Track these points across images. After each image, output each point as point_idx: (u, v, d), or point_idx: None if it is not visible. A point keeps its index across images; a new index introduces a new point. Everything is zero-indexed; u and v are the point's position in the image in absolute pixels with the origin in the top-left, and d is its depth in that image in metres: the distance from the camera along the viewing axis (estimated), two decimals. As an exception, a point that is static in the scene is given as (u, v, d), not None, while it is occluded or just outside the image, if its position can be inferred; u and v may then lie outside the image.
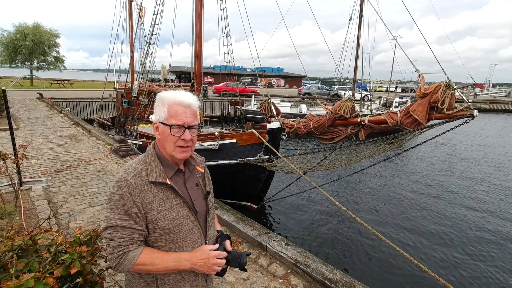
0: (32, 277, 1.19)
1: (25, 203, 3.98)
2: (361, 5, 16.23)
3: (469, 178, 10.35)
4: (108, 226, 1.08)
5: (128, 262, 1.07)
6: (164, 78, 12.66)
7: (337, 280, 2.69)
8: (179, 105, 1.14)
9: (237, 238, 3.57)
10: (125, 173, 1.11)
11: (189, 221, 1.18)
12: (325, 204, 7.56)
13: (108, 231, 1.08)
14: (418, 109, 4.08)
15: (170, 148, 1.16)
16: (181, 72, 45.43)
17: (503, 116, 32.79)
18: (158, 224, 1.12)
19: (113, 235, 1.07)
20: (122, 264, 1.07)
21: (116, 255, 1.07)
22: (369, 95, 26.20)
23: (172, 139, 1.14)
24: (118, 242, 1.07)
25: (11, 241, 1.49)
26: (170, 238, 1.15)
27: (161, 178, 1.12)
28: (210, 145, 6.03)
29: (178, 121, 1.13)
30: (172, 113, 1.13)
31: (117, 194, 1.08)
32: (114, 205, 1.08)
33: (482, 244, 5.99)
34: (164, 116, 1.14)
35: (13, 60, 28.83)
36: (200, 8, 7.33)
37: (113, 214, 1.08)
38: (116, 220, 1.07)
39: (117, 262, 1.07)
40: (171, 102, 1.14)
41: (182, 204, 1.17)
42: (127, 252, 1.07)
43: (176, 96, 1.15)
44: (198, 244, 1.21)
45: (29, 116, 11.62)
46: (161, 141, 1.18)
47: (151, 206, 1.10)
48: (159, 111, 1.15)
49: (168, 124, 1.13)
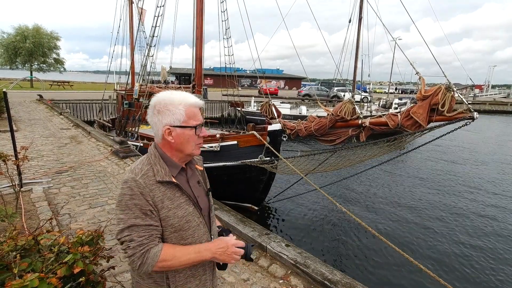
0: (36, 277, 1.19)
1: (25, 205, 3.99)
2: (360, 6, 16.32)
3: (468, 179, 10.35)
4: (125, 228, 1.06)
5: (151, 260, 1.06)
6: (164, 79, 12.69)
7: (337, 280, 2.69)
8: (194, 106, 1.18)
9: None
10: (133, 174, 1.12)
11: (196, 217, 1.21)
12: (325, 205, 7.56)
13: (125, 233, 1.06)
14: (418, 111, 4.09)
15: (191, 148, 1.20)
16: (181, 73, 45.52)
17: (503, 117, 32.81)
18: (169, 222, 1.13)
19: (132, 235, 1.05)
20: (146, 263, 1.05)
21: (139, 255, 1.05)
22: (369, 96, 26.27)
23: (194, 139, 1.19)
24: (138, 242, 1.05)
25: (14, 241, 1.50)
26: (180, 235, 1.17)
27: (167, 177, 1.14)
28: (211, 147, 6.04)
29: (198, 121, 1.18)
30: (191, 115, 1.16)
31: (128, 195, 1.08)
32: (127, 206, 1.07)
33: (484, 245, 5.99)
34: (182, 119, 1.15)
35: (13, 62, 28.84)
36: (200, 10, 7.36)
37: (127, 215, 1.07)
38: (132, 220, 1.06)
39: (141, 261, 1.05)
40: (186, 104, 1.16)
41: (188, 201, 1.19)
42: (149, 250, 1.06)
43: (187, 98, 1.17)
44: (205, 240, 1.24)
45: (29, 117, 11.63)
46: (178, 144, 1.18)
47: (162, 204, 1.12)
48: (172, 115, 1.14)
49: (193, 126, 1.17)
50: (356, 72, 17.82)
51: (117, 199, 1.11)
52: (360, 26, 16.55)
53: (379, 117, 4.72)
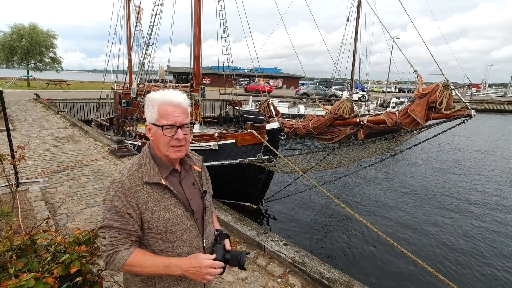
0: (32, 276, 1.18)
1: (22, 204, 3.96)
2: (358, 6, 16.34)
3: (467, 176, 10.41)
4: (102, 226, 1.11)
5: (118, 262, 1.09)
6: (162, 78, 12.65)
7: (335, 279, 2.69)
8: (169, 105, 1.14)
9: (235, 238, 3.57)
10: (120, 174, 1.12)
11: (185, 220, 1.18)
12: (323, 204, 7.57)
13: (101, 230, 1.12)
14: (416, 109, 4.10)
15: (164, 149, 1.15)
16: (179, 72, 45.36)
17: (499, 116, 32.97)
18: (154, 224, 1.13)
19: (105, 234, 1.10)
20: (112, 263, 1.09)
21: (107, 254, 1.09)
22: (366, 95, 26.33)
23: (165, 140, 1.14)
24: (109, 241, 1.09)
25: (10, 241, 1.49)
26: (166, 237, 1.15)
27: (155, 178, 1.12)
28: (209, 146, 6.03)
29: (169, 121, 1.12)
30: (162, 114, 1.13)
31: (110, 195, 1.10)
32: (107, 206, 1.10)
33: (482, 242, 6.01)
34: (155, 117, 1.13)
35: (9, 61, 28.65)
36: (198, 9, 7.33)
37: (105, 214, 1.10)
38: (107, 221, 1.09)
39: (108, 260, 1.10)
40: (160, 102, 1.13)
41: (177, 203, 1.17)
42: (117, 252, 1.09)
43: (165, 96, 1.14)
44: (195, 243, 1.21)
45: (25, 117, 11.55)
46: (155, 142, 1.18)
47: (146, 207, 1.11)
48: (150, 113, 1.15)
49: (160, 125, 1.12)
50: (354, 71, 17.86)
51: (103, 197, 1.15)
52: (358, 25, 16.58)
53: (377, 115, 4.73)
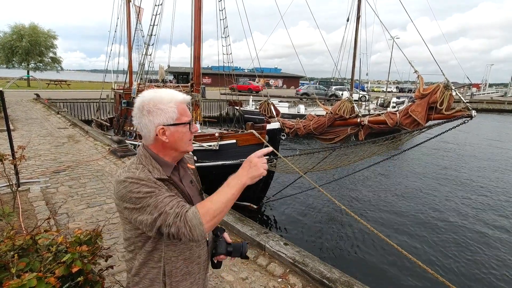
0: (34, 276, 1.19)
1: (23, 204, 3.96)
2: (358, 5, 16.33)
3: (468, 176, 10.40)
4: (154, 217, 0.99)
5: (195, 219, 0.98)
6: (162, 78, 12.65)
7: (335, 279, 2.69)
8: (182, 102, 1.16)
9: (236, 238, 3.57)
10: (130, 173, 1.08)
11: None
12: (323, 204, 7.57)
13: (158, 219, 0.99)
14: (417, 110, 4.10)
15: (185, 145, 1.17)
16: (179, 72, 45.34)
17: (500, 116, 32.94)
18: None
19: (165, 214, 0.99)
20: (194, 226, 0.98)
21: (182, 224, 0.98)
22: (367, 95, 26.34)
23: (189, 136, 1.17)
24: (174, 213, 0.99)
25: (11, 241, 1.49)
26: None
27: (163, 176, 1.12)
28: (210, 146, 6.03)
29: (189, 117, 1.17)
30: (182, 112, 1.14)
31: (135, 189, 1.02)
32: (139, 198, 1.01)
33: (482, 243, 6.01)
34: (175, 116, 1.12)
35: (9, 61, 28.67)
36: (199, 9, 7.33)
37: (146, 203, 1.01)
38: (153, 204, 1.00)
39: (188, 228, 0.98)
40: (177, 101, 1.14)
41: (184, 200, 1.17)
42: (186, 212, 1.00)
43: (175, 96, 1.15)
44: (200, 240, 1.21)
45: (26, 117, 11.56)
46: (172, 143, 1.14)
47: None
48: (164, 114, 1.10)
49: (186, 122, 1.14)
50: (354, 70, 17.86)
51: (124, 206, 1.05)
52: (358, 25, 16.57)
53: (378, 116, 4.73)
